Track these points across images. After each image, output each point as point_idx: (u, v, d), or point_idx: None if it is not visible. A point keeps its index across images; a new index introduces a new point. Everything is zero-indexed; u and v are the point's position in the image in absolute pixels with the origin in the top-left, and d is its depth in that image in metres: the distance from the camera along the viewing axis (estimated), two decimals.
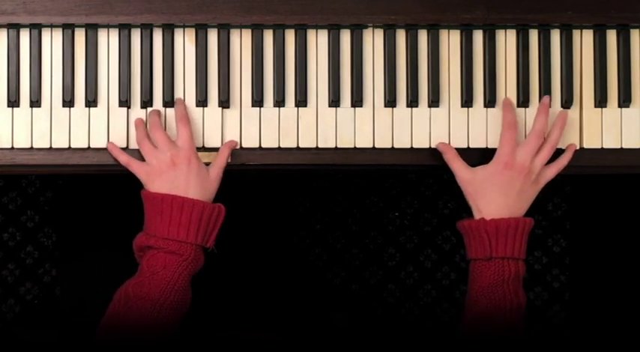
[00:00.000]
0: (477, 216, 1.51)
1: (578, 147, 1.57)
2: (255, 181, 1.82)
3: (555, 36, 1.59)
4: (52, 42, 1.55)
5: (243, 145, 1.56)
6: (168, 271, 1.44)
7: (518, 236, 1.49)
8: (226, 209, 1.49)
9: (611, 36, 1.59)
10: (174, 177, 1.48)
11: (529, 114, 1.58)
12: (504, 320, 1.46)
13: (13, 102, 1.54)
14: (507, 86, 1.59)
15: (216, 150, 1.55)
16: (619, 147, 1.58)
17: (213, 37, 1.57)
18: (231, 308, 1.72)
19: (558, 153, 1.55)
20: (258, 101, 1.56)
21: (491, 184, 1.50)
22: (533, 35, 1.59)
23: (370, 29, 1.57)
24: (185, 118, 1.51)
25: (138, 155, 1.53)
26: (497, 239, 1.48)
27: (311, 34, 1.57)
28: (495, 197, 1.49)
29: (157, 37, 1.56)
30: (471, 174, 1.52)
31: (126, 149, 1.54)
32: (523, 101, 1.58)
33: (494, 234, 1.48)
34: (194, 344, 1.46)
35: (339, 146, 1.56)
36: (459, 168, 1.53)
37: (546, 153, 1.52)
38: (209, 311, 1.68)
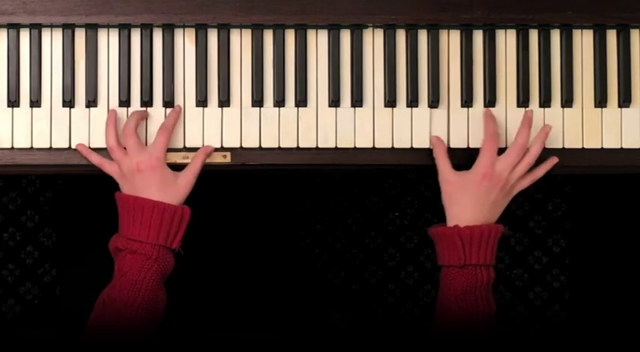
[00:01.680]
0: (450, 222, 1.51)
1: (558, 161, 1.56)
2: (255, 181, 1.81)
3: (555, 36, 1.59)
4: (52, 42, 1.55)
5: (243, 145, 1.56)
6: (134, 271, 1.45)
7: (491, 243, 1.50)
8: (192, 211, 1.49)
9: (611, 36, 1.59)
10: (138, 182, 1.49)
11: None
12: (476, 327, 1.47)
13: (13, 102, 1.54)
14: (507, 86, 1.58)
15: (216, 150, 1.55)
16: (619, 147, 1.58)
17: (213, 37, 1.57)
18: (231, 308, 1.72)
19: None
20: (258, 101, 1.56)
21: (469, 192, 1.50)
22: (533, 35, 1.59)
23: (370, 29, 1.57)
24: (167, 130, 1.51)
25: None
26: (470, 246, 1.48)
27: (311, 34, 1.57)
28: (469, 205, 1.50)
29: (157, 37, 1.56)
30: (453, 176, 1.52)
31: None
32: (523, 101, 1.58)
33: (469, 241, 1.48)
34: (193, 345, 1.46)
35: (339, 146, 1.56)
36: (444, 165, 1.53)
37: (523, 167, 1.52)
38: (209, 312, 1.68)
